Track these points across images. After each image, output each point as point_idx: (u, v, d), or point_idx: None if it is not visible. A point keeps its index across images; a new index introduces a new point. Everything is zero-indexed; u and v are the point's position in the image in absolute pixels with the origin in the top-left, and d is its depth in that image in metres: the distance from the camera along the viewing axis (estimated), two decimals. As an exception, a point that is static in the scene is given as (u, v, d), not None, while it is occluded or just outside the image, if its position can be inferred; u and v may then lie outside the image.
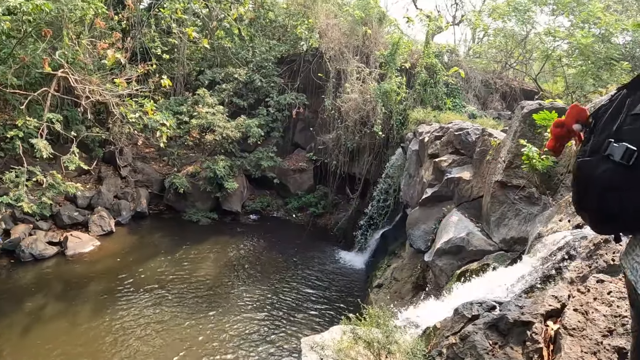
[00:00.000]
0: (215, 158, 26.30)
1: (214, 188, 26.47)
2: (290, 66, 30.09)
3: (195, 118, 26.05)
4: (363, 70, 25.81)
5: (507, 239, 12.95)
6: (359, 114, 25.09)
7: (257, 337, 16.36)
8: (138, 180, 27.38)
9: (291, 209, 29.41)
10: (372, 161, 26.06)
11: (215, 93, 27.92)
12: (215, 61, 30.65)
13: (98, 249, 22.00)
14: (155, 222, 26.23)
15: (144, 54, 25.52)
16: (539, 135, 12.23)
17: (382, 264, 21.10)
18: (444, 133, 18.59)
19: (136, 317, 16.82)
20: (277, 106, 28.89)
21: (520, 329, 5.87)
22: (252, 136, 26.72)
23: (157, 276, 19.99)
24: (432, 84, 24.30)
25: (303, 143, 30.93)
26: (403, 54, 25.79)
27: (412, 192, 20.18)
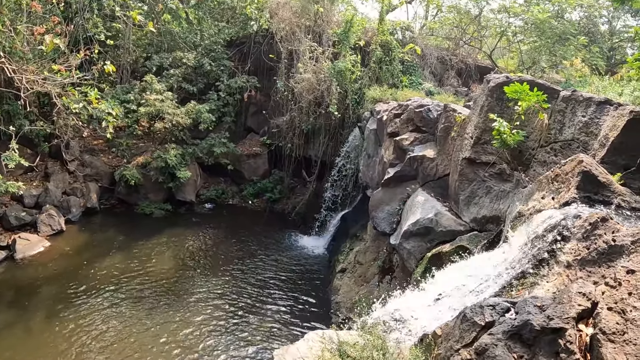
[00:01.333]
0: (166, 147, 25.36)
1: (167, 178, 25.52)
2: (240, 48, 29.24)
3: (144, 106, 24.98)
4: (316, 49, 25.12)
5: (478, 218, 12.54)
6: (313, 95, 24.47)
7: (221, 335, 15.79)
8: (87, 174, 26.08)
9: (247, 196, 28.71)
10: (328, 142, 25.54)
11: (163, 79, 26.93)
12: (162, 46, 29.58)
13: (49, 250, 20.90)
14: (108, 218, 25.13)
15: (87, 41, 24.37)
16: (508, 109, 11.77)
17: (344, 248, 20.68)
18: (403, 111, 18.11)
19: (93, 320, 16.01)
20: (227, 90, 28.02)
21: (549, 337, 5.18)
22: (204, 122, 25.87)
23: (112, 274, 19.11)
24: (387, 61, 23.85)
25: (256, 127, 30.17)
26: (357, 32, 25.22)
27: (372, 173, 19.69)
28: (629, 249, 6.11)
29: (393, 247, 15.64)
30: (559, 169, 8.58)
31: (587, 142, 10.04)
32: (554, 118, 10.91)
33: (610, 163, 9.08)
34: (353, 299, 16.77)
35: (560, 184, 8.39)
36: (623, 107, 9.38)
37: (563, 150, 10.59)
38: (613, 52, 26.43)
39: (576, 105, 10.44)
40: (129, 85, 27.11)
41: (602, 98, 10.06)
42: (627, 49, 27.03)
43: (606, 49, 25.53)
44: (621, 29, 27.42)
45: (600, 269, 6.27)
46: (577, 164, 8.10)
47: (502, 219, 11.11)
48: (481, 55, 29.37)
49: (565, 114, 10.67)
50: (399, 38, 26.97)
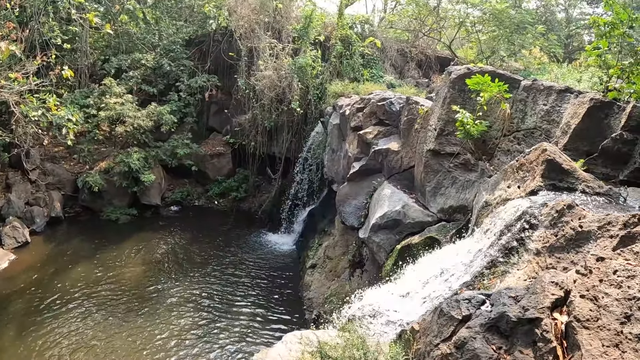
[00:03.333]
0: (129, 151, 25.00)
1: (130, 182, 25.20)
2: (200, 47, 28.97)
3: (104, 110, 24.59)
4: (276, 46, 25.04)
5: (445, 208, 12.67)
6: (275, 92, 24.42)
7: (196, 340, 15.63)
8: (49, 182, 25.48)
9: (212, 196, 28.53)
10: (291, 139, 25.58)
11: (122, 81, 26.51)
12: (120, 48, 29.04)
13: (15, 264, 20.36)
14: (73, 226, 24.69)
15: (43, 45, 23.97)
16: (470, 100, 11.90)
17: (313, 244, 20.69)
18: (365, 104, 18.20)
19: (65, 331, 15.72)
20: (188, 90, 27.75)
21: (526, 327, 5.27)
22: (165, 124, 25.63)
23: (81, 284, 18.76)
24: (348, 55, 23.93)
25: (218, 126, 29.98)
26: (316, 27, 25.20)
27: (337, 168, 19.75)
28: (595, 235, 6.25)
29: (362, 241, 15.70)
30: (524, 158, 8.71)
31: (550, 130, 10.21)
32: (515, 107, 11.08)
33: (573, 150, 9.27)
34: (325, 294, 16.81)
35: (526, 173, 8.52)
36: (583, 95, 9.57)
37: (526, 139, 10.76)
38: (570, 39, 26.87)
39: (537, 94, 10.61)
40: (88, 90, 26.60)
41: (563, 86, 10.24)
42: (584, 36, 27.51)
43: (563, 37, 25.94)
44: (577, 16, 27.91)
45: (569, 254, 6.40)
46: (541, 153, 8.23)
47: (469, 209, 11.24)
48: (440, 46, 29.55)
49: (527, 103, 10.84)
50: (359, 32, 26.97)
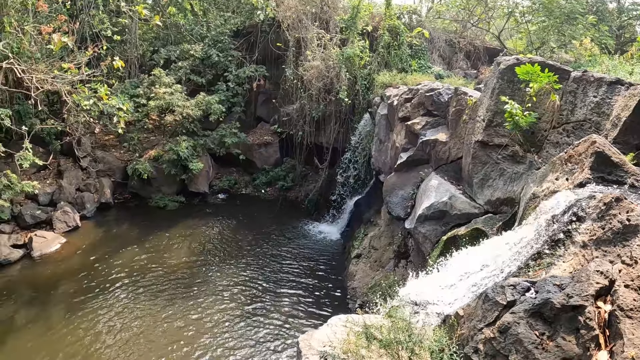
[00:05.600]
0: (178, 139, 25.46)
1: (179, 170, 25.67)
2: (247, 38, 29.21)
3: (153, 99, 25.10)
4: (324, 36, 25.08)
5: (492, 200, 12.59)
6: (323, 82, 24.46)
7: (242, 323, 15.95)
8: (100, 170, 26.27)
9: (259, 185, 28.79)
10: (339, 129, 25.54)
11: (171, 72, 27.01)
12: (169, 39, 29.64)
13: (65, 247, 21.08)
14: (122, 212, 25.32)
15: (93, 37, 24.47)
16: (519, 91, 11.81)
17: (358, 234, 20.74)
18: (413, 95, 18.12)
19: (113, 314, 16.19)
20: (236, 80, 28.07)
21: (569, 314, 5.30)
22: (214, 113, 25.98)
23: (129, 268, 19.28)
24: (395, 46, 23.80)
25: (266, 116, 30.22)
26: (364, 17, 25.19)
27: (385, 158, 19.73)
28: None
29: (408, 232, 15.70)
30: (572, 150, 8.63)
31: (599, 122, 10.08)
32: (565, 99, 10.95)
33: (623, 143, 9.13)
34: (369, 284, 16.89)
35: (574, 165, 8.45)
36: (635, 87, 9.40)
37: (575, 131, 10.63)
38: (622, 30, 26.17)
39: (587, 86, 10.46)
40: (138, 80, 27.26)
41: (613, 78, 10.08)
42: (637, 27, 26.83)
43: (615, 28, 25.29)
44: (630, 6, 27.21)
45: (616, 248, 6.33)
46: (590, 145, 8.16)
47: (517, 201, 11.17)
48: (489, 36, 29.13)
49: (576, 95, 10.70)
50: (407, 22, 26.78)
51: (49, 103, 23.75)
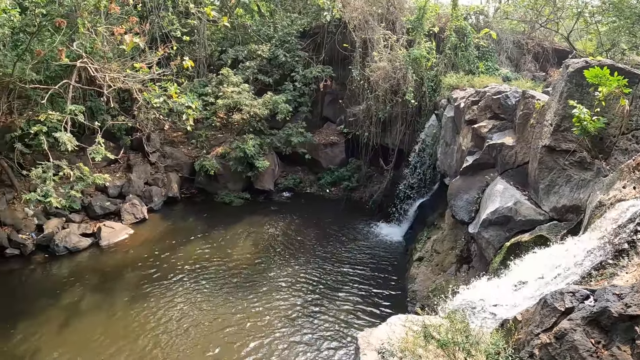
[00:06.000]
0: (244, 137, 25.86)
1: (245, 168, 26.08)
2: (314, 39, 29.39)
3: (221, 98, 25.60)
4: (390, 37, 24.97)
5: (558, 207, 12.31)
6: (389, 83, 24.33)
7: (301, 318, 16.11)
8: (168, 165, 27.15)
9: (324, 184, 28.87)
10: (405, 131, 25.34)
11: (239, 71, 27.45)
12: (236, 39, 30.18)
13: (132, 237, 21.94)
14: (188, 206, 26.01)
15: (163, 38, 25.18)
16: (587, 95, 11.52)
17: (421, 236, 20.54)
18: (480, 97, 17.84)
19: (174, 305, 16.70)
20: (303, 80, 28.30)
21: (626, 324, 5.17)
22: (280, 112, 26.27)
23: (192, 260, 19.83)
24: (462, 47, 23.49)
25: (332, 116, 30.26)
26: (430, 18, 24.88)
27: (450, 161, 19.52)
28: None
29: (471, 236, 15.50)
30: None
31: (672, 129, 9.79)
32: (635, 104, 10.61)
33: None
34: (429, 288, 16.73)
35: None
36: None
37: (645, 138, 10.36)
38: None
39: (660, 91, 10.18)
40: (206, 79, 27.94)
41: (688, 82, 9.77)
42: None
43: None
44: None
45: (682, 261, 6.16)
46: (660, 153, 7.94)
47: (583, 209, 10.89)
48: (558, 37, 28.40)
49: (647, 100, 10.42)
50: (473, 23, 26.42)
51: (119, 100, 24.50)
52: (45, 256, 20.12)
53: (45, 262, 19.76)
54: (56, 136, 16.14)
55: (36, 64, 17.71)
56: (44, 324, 15.59)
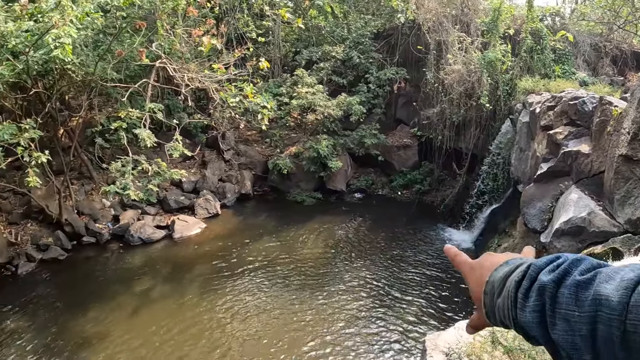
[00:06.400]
0: (318, 137, 26.10)
1: (318, 168, 26.34)
2: (388, 40, 29.28)
3: (295, 99, 25.93)
4: (465, 39, 24.67)
5: (633, 219, 11.99)
6: (464, 86, 24.02)
7: (366, 320, 16.18)
8: (241, 163, 27.80)
9: (396, 187, 28.73)
10: (479, 135, 24.96)
11: (313, 72, 27.69)
12: (310, 41, 30.47)
13: (204, 232, 22.60)
14: (260, 204, 26.55)
15: (238, 39, 25.70)
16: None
17: (492, 244, 20.22)
18: (556, 103, 17.49)
19: (242, 298, 17.13)
20: (377, 82, 28.26)
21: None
22: (354, 114, 26.33)
23: (262, 257, 20.22)
24: (538, 50, 22.96)
25: (406, 119, 30.04)
26: (505, 19, 24.34)
27: (524, 167, 19.21)
28: None
29: (543, 246, 15.17)
30: None
31: None
32: None
33: None
34: (499, 296, 16.51)
35: None
36: None
37: None
38: None
39: None
40: (281, 79, 28.37)
41: None
42: None
43: None
44: None
45: None
46: None
47: (659, 222, 10.66)
48: (637, 39, 27.54)
49: None
50: (549, 25, 25.73)
51: (196, 99, 25.09)
52: (119, 245, 21.12)
53: (119, 251, 20.78)
54: (136, 132, 16.76)
55: (116, 63, 18.35)
56: (115, 310, 16.40)
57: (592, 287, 1.27)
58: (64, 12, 13.79)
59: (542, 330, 1.36)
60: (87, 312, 16.20)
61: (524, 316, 1.42)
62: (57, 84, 19.30)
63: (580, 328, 1.24)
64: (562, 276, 1.36)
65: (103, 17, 16.43)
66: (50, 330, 15.38)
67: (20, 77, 16.38)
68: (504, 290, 1.53)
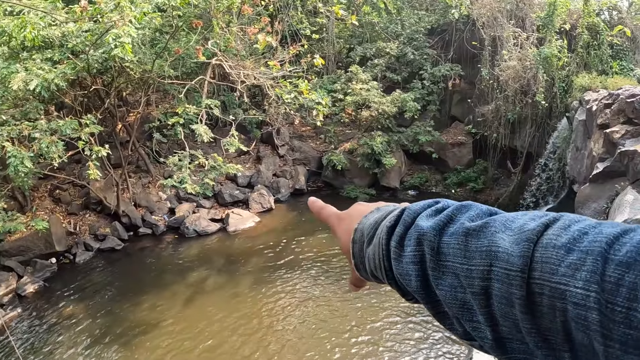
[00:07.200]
0: (372, 134, 26.13)
1: (372, 164, 26.40)
2: (442, 36, 29.04)
3: (350, 95, 26.10)
4: (520, 35, 24.29)
5: (689, 221, 11.74)
6: (519, 83, 23.65)
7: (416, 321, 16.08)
8: (296, 158, 28.18)
9: (450, 185, 28.49)
10: (534, 133, 24.57)
11: (367, 69, 27.73)
12: (364, 37, 30.52)
13: (258, 225, 23.04)
14: (314, 199, 26.55)
15: (293, 36, 26.00)
16: None
17: (546, 246, 19.91)
18: (613, 100, 17.10)
19: (294, 293, 17.46)
20: (431, 79, 28.08)
21: None
22: (409, 110, 26.21)
23: (315, 253, 20.42)
24: (595, 45, 22.43)
25: (460, 116, 29.78)
26: (561, 14, 23.82)
27: (580, 167, 18.86)
28: None
29: (597, 249, 14.96)
30: None
31: None
32: None
33: None
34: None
35: None
36: None
37: None
38: None
39: None
40: (335, 76, 28.56)
41: None
42: None
43: None
44: None
45: None
46: None
47: None
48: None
49: None
50: (606, 19, 25.12)
51: (251, 95, 25.49)
52: (175, 237, 21.83)
53: (174, 242, 21.50)
54: (193, 128, 17.20)
55: (173, 61, 18.86)
56: (169, 298, 17.00)
57: (485, 236, 1.04)
58: (123, 12, 14.20)
59: (422, 285, 1.16)
60: (142, 300, 16.84)
61: (400, 268, 1.21)
62: (115, 81, 19.96)
63: (471, 284, 1.03)
64: (445, 222, 1.13)
65: (160, 17, 16.84)
66: (105, 316, 16.08)
67: (80, 75, 16.93)
68: (375, 238, 1.32)
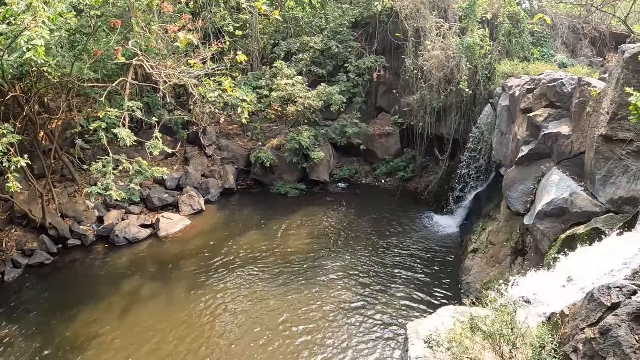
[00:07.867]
0: (299, 129, 26.05)
1: (300, 159, 26.35)
2: (366, 29, 29.25)
3: (275, 91, 25.95)
4: (442, 25, 24.65)
5: (614, 198, 12.04)
6: (443, 72, 24.03)
7: (352, 310, 16.33)
8: (224, 157, 27.85)
9: (379, 175, 28.75)
10: (459, 120, 25.03)
11: (292, 64, 27.69)
12: (288, 32, 30.42)
13: (189, 228, 22.64)
14: (244, 198, 26.54)
15: (216, 33, 25.66)
16: (645, 81, 11.17)
17: (476, 227, 20.24)
18: (535, 85, 17.48)
19: (229, 294, 17.31)
20: (356, 71, 28.22)
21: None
22: (335, 104, 26.29)
23: (248, 251, 20.30)
24: (516, 33, 22.98)
25: (386, 106, 30.05)
26: (482, 4, 24.33)
27: (506, 151, 19.23)
28: None
29: (526, 228, 15.22)
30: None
31: None
32: (695, 91, 10.28)
33: None
34: (484, 280, 16.57)
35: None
36: None
37: None
38: None
39: None
40: (260, 72, 28.35)
41: None
42: None
43: None
44: None
45: None
46: None
47: None
48: (615, 21, 27.34)
49: None
50: (527, 8, 25.78)
51: (175, 95, 25.09)
52: (105, 246, 21.18)
53: (105, 252, 20.82)
54: (115, 132, 16.59)
55: (93, 63, 18.23)
56: (104, 311, 16.52)
57: None
58: (36, 13, 13.57)
59: None
60: (76, 314, 16.30)
61: None
62: (34, 87, 19.22)
63: None
64: None
65: (77, 17, 16.25)
66: (41, 335, 15.47)
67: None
68: None
